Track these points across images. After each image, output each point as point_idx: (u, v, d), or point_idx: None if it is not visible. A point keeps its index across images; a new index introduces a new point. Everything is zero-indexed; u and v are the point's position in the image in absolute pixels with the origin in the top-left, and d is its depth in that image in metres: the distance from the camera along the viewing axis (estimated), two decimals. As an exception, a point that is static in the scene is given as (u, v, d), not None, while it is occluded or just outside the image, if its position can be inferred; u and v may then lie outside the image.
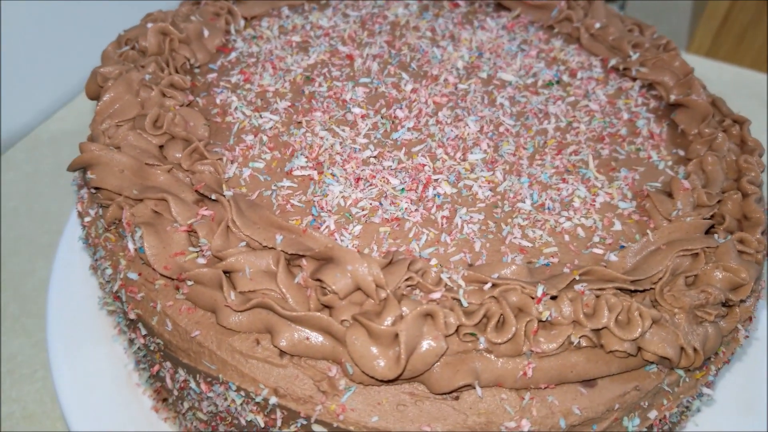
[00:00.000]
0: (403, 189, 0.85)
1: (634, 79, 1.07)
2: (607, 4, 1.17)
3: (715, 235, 0.82)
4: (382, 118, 0.94)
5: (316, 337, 0.70)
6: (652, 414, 0.76)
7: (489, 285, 0.72)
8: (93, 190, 0.86)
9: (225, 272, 0.74)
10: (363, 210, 0.82)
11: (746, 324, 0.82)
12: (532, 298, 0.71)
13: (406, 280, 0.71)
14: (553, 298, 0.72)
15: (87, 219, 0.89)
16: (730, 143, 0.94)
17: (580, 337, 0.70)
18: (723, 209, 0.86)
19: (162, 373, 0.85)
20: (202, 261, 0.76)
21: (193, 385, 0.79)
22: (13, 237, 1.25)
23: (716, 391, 0.97)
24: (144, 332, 0.81)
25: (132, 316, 0.81)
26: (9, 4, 1.42)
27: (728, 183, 0.89)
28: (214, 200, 0.80)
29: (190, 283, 0.75)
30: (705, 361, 0.77)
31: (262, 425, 0.75)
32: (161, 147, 0.88)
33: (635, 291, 0.74)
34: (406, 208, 0.83)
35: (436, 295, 0.70)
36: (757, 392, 0.99)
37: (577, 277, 0.74)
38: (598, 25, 1.11)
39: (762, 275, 0.85)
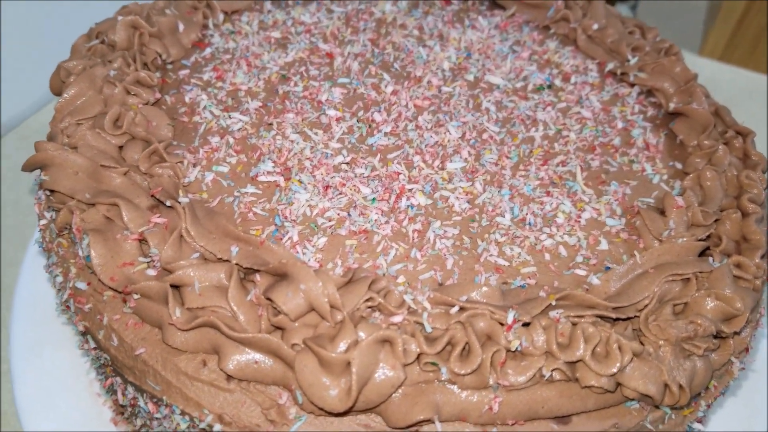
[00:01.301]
0: (374, 199, 0.79)
1: (632, 85, 1.00)
2: (607, 5, 1.09)
3: (710, 258, 0.75)
4: (358, 121, 0.88)
5: (266, 361, 0.65)
6: (633, 454, 0.69)
7: (456, 308, 0.66)
8: (47, 192, 0.82)
9: (174, 286, 0.69)
10: (330, 221, 0.77)
11: (741, 356, 0.75)
12: (502, 325, 0.64)
13: (366, 300, 0.65)
14: (526, 324, 0.65)
15: (42, 222, 0.84)
16: (731, 157, 0.87)
17: (552, 370, 0.64)
18: (720, 229, 0.79)
19: (115, 387, 0.80)
20: (151, 273, 0.71)
21: (141, 403, 0.74)
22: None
23: (711, 424, 0.90)
24: (93, 345, 0.76)
25: (80, 328, 0.76)
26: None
27: (728, 200, 0.82)
28: (169, 206, 0.75)
29: (136, 296, 0.70)
30: (693, 397, 0.70)
31: (210, 452, 0.69)
32: (121, 148, 0.83)
33: (617, 319, 0.68)
34: (375, 220, 0.77)
35: (398, 319, 0.65)
36: (758, 424, 0.92)
37: (554, 302, 0.67)
38: (596, 26, 1.04)
39: (761, 303, 0.78)
